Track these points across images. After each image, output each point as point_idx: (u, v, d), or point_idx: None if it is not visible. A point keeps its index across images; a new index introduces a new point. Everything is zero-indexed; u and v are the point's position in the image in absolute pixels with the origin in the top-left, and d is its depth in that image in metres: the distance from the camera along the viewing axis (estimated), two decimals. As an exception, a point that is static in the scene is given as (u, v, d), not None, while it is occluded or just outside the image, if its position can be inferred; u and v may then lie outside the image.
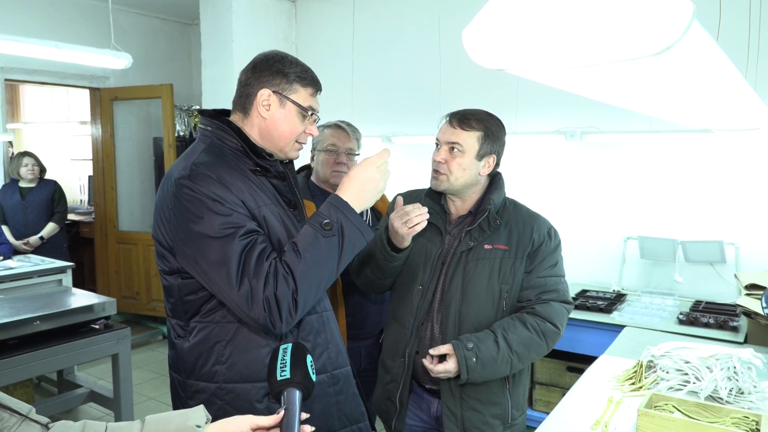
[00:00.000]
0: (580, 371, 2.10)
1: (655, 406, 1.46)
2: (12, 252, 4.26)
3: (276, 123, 1.38)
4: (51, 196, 4.67)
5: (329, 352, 1.44)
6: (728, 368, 1.59)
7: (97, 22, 4.91)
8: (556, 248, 1.73)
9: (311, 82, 1.41)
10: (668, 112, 1.31)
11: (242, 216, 1.26)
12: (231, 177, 1.29)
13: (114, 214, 5.34)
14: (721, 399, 1.55)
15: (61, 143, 7.43)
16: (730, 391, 1.57)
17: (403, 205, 1.60)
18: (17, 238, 4.48)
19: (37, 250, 4.46)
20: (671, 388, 1.63)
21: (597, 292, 3.35)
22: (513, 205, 1.77)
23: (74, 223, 6.12)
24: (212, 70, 4.37)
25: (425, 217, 1.56)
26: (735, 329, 2.66)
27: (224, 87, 4.21)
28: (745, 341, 2.47)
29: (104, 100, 5.22)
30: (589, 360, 2.16)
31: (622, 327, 2.56)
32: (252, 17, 4.34)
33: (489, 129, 1.65)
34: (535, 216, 1.75)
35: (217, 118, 1.41)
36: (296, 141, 1.42)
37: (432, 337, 1.70)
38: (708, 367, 1.61)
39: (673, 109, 1.21)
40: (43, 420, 0.96)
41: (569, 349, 2.94)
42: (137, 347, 4.72)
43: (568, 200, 3.61)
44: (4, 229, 4.39)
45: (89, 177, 6.57)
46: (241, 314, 1.25)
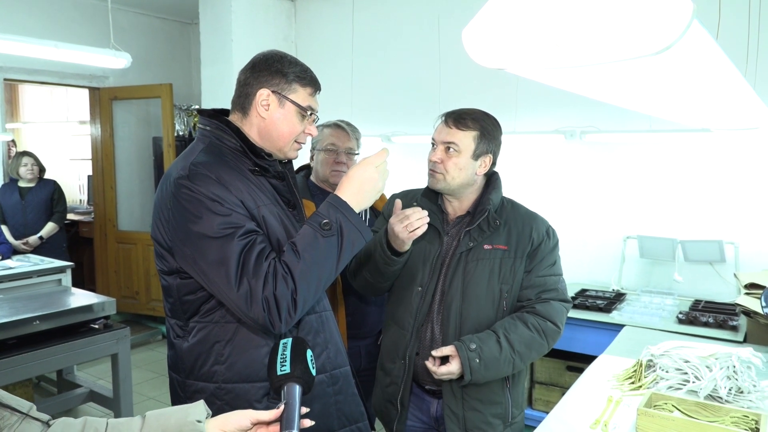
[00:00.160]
0: (580, 371, 2.10)
1: (655, 406, 1.46)
2: (11, 252, 4.25)
3: (275, 123, 1.38)
4: (50, 195, 4.66)
5: (328, 351, 1.44)
6: (728, 367, 1.59)
7: (97, 21, 4.91)
8: (555, 247, 1.73)
9: (310, 81, 1.40)
10: (668, 112, 1.31)
11: (241, 216, 1.26)
12: (230, 177, 1.29)
13: (113, 213, 5.34)
14: (721, 398, 1.55)
15: (60, 143, 7.42)
16: (730, 390, 1.57)
17: (402, 208, 1.59)
18: (16, 237, 4.48)
19: (37, 250, 4.45)
20: (671, 387, 1.63)
21: (596, 291, 3.35)
22: (511, 204, 1.77)
23: (74, 222, 6.12)
24: (212, 70, 4.37)
25: (426, 220, 1.55)
26: (734, 328, 2.66)
27: (224, 87, 4.21)
28: (745, 340, 2.47)
29: (104, 100, 5.21)
30: (588, 359, 2.16)
31: (621, 326, 2.56)
32: (251, 17, 4.34)
33: (485, 128, 1.65)
34: (533, 215, 1.75)
35: (216, 117, 1.40)
36: (295, 141, 1.41)
37: (432, 338, 1.70)
38: (707, 367, 1.61)
39: (673, 108, 1.21)
40: (44, 417, 0.96)
41: (569, 349, 2.95)
42: (137, 347, 4.72)
43: (568, 200, 3.61)
44: (4, 228, 4.38)
45: (88, 177, 6.57)
46: (240, 314, 1.25)
